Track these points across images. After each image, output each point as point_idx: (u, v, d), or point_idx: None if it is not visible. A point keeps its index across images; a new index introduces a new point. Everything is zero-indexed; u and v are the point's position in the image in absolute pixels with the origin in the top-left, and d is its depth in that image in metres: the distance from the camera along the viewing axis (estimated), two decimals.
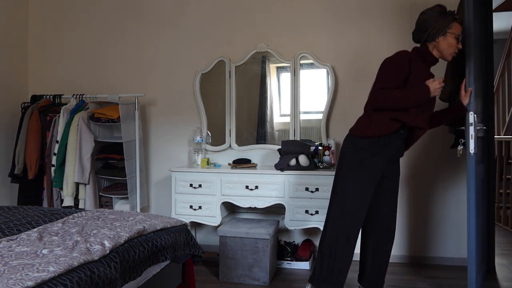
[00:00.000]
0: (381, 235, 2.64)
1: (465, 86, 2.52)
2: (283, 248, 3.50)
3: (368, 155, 2.43)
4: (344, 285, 2.51)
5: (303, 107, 3.73)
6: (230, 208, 3.74)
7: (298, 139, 3.67)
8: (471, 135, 2.44)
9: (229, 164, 3.64)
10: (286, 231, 3.64)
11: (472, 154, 2.46)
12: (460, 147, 2.55)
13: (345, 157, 2.52)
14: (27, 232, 1.96)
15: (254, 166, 3.53)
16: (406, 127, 2.45)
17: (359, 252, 3.54)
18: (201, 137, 3.68)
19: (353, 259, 2.55)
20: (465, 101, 2.51)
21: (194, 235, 3.75)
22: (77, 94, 3.80)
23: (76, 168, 3.48)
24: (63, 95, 3.89)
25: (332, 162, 3.43)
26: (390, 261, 3.55)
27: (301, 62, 3.70)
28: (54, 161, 3.57)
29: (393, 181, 2.63)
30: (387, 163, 2.51)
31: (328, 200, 3.18)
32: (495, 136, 4.26)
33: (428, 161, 3.57)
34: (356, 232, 2.49)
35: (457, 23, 2.41)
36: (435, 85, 2.34)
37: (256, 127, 3.86)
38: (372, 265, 2.69)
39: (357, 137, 2.48)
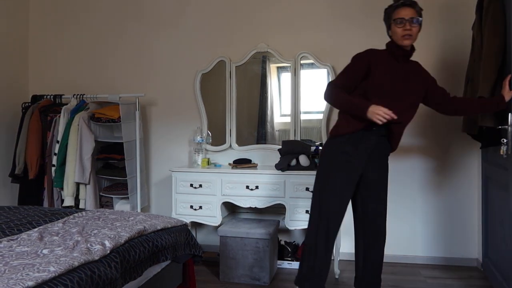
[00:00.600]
0: (369, 232, 2.61)
1: (510, 82, 2.41)
2: (283, 248, 3.50)
3: (341, 154, 2.42)
4: (325, 283, 2.54)
5: (303, 107, 3.73)
6: (230, 208, 3.74)
7: (299, 139, 3.67)
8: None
9: (229, 164, 3.64)
10: (286, 231, 3.64)
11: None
12: (503, 147, 2.43)
13: (321, 157, 2.53)
14: (27, 232, 1.96)
15: (254, 166, 3.53)
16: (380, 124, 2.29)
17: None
18: (201, 137, 3.68)
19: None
20: (507, 97, 2.43)
21: (194, 235, 3.75)
22: (78, 94, 3.80)
23: (77, 168, 3.48)
24: (63, 95, 3.89)
25: None
26: (391, 261, 3.57)
27: (302, 62, 3.70)
28: (54, 161, 3.58)
29: (378, 178, 2.52)
30: (366, 160, 2.44)
31: None
32: None
33: (435, 160, 3.57)
34: (335, 230, 2.48)
35: (399, 8, 2.43)
36: (376, 111, 2.21)
37: (257, 127, 3.86)
38: (364, 265, 2.65)
39: (332, 136, 2.49)
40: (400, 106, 2.32)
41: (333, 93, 2.37)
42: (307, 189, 3.22)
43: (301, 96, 3.71)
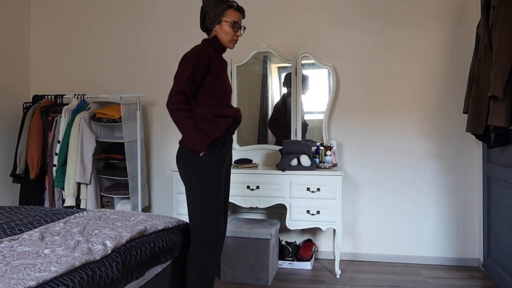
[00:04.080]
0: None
1: None
2: (284, 248, 3.50)
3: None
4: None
5: (304, 107, 3.72)
6: (231, 208, 3.74)
7: (300, 139, 3.66)
8: None
9: None
10: (287, 231, 3.64)
11: None
12: None
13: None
14: (28, 232, 1.96)
15: (255, 166, 3.53)
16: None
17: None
18: None
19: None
20: None
21: None
22: (79, 94, 3.80)
23: (78, 168, 3.48)
24: (64, 95, 3.89)
25: (334, 162, 3.43)
26: (391, 261, 3.58)
27: (303, 62, 3.70)
28: (55, 161, 3.58)
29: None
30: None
31: (329, 201, 3.20)
32: None
33: (435, 160, 3.57)
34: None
35: (234, 10, 2.29)
36: (202, 150, 2.18)
37: (258, 127, 3.86)
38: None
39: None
40: (230, 100, 2.40)
41: (177, 113, 2.21)
42: (308, 189, 3.22)
43: (302, 96, 3.70)
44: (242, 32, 2.35)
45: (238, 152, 3.77)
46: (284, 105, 3.76)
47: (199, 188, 2.24)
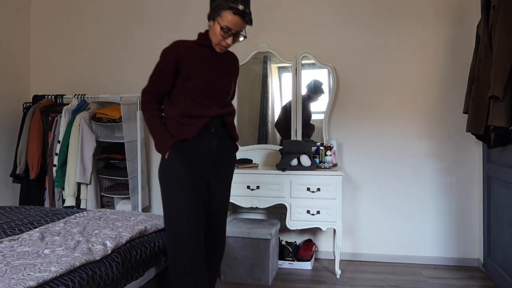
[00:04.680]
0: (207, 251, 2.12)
1: None
2: (284, 248, 3.50)
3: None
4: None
5: (312, 108, 3.73)
6: (231, 208, 3.74)
7: (300, 139, 3.66)
8: None
9: None
10: (287, 231, 3.64)
11: None
12: None
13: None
14: (29, 232, 1.96)
15: (255, 166, 3.52)
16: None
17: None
18: None
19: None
20: None
21: None
22: (79, 94, 3.80)
23: (78, 168, 3.48)
24: (64, 95, 3.89)
25: (334, 162, 3.43)
26: (392, 261, 3.58)
27: (303, 62, 3.70)
28: (55, 161, 3.58)
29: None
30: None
31: (329, 201, 3.20)
32: None
33: (435, 160, 3.57)
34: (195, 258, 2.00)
35: (233, 14, 1.98)
36: (164, 152, 2.08)
37: (258, 127, 3.86)
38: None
39: None
40: (222, 99, 2.12)
41: (145, 113, 2.09)
42: (308, 189, 3.22)
43: (302, 96, 3.70)
44: (241, 40, 2.08)
45: (238, 152, 3.75)
46: (303, 106, 3.74)
47: (163, 193, 2.08)
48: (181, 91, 2.05)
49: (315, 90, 3.73)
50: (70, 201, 3.53)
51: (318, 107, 3.73)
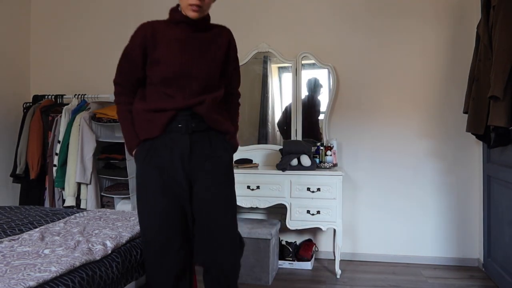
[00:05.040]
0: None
1: None
2: (284, 248, 3.50)
3: None
4: None
5: (304, 107, 3.73)
6: None
7: (300, 139, 3.66)
8: None
9: None
10: (287, 231, 3.64)
11: None
12: None
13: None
14: (29, 232, 1.96)
15: (255, 166, 3.52)
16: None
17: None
18: None
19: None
20: None
21: None
22: (79, 94, 3.80)
23: (78, 168, 3.48)
24: (65, 95, 3.89)
25: (334, 162, 3.43)
26: (392, 261, 3.57)
27: (303, 62, 3.70)
28: (56, 161, 3.58)
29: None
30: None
31: (329, 201, 3.20)
32: None
33: (435, 160, 3.57)
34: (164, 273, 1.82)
35: None
36: (131, 154, 1.89)
37: (258, 127, 3.86)
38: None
39: None
40: (193, 86, 1.80)
41: (117, 107, 1.95)
42: (308, 189, 3.22)
43: (302, 96, 3.71)
44: None
45: (238, 152, 3.74)
46: (308, 106, 3.74)
47: (136, 196, 1.91)
48: (148, 81, 1.84)
49: (314, 85, 3.73)
50: (70, 201, 3.53)
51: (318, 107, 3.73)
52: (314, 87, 3.74)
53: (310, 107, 3.74)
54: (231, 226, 1.87)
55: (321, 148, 3.50)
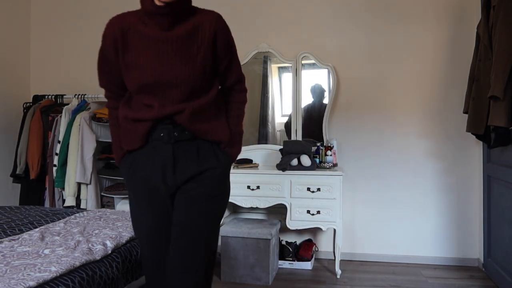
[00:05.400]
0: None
1: None
2: (284, 248, 3.50)
3: None
4: None
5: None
6: (231, 208, 3.74)
7: (300, 139, 3.66)
8: None
9: None
10: (287, 231, 3.64)
11: None
12: None
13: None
14: (29, 232, 1.96)
15: (255, 166, 3.52)
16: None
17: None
18: None
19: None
20: None
21: None
22: (79, 94, 3.80)
23: (78, 168, 3.48)
24: (65, 95, 3.89)
25: (334, 162, 3.43)
26: (392, 261, 3.58)
27: (303, 62, 3.70)
28: (56, 161, 3.58)
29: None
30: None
31: (329, 201, 3.20)
32: None
33: (435, 160, 3.57)
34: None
35: None
36: (118, 164, 1.74)
37: (258, 127, 3.86)
38: None
39: None
40: (173, 94, 1.54)
41: (108, 111, 1.80)
42: (308, 189, 3.22)
43: (302, 96, 3.71)
44: None
45: None
46: (313, 111, 3.75)
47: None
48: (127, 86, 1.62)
49: (319, 91, 3.73)
50: (70, 201, 3.53)
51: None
52: (319, 93, 3.74)
53: (315, 112, 3.74)
54: (195, 263, 1.59)
55: (321, 148, 3.50)
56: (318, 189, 3.21)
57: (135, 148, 1.63)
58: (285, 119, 3.81)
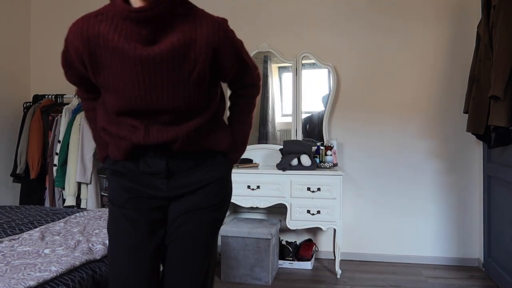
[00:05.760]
0: None
1: None
2: (284, 248, 3.50)
3: None
4: None
5: (304, 107, 3.73)
6: (232, 208, 3.74)
7: (300, 139, 3.67)
8: None
9: None
10: (287, 231, 3.64)
11: None
12: None
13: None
14: (29, 232, 1.96)
15: (256, 166, 3.53)
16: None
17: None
18: None
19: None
20: None
21: None
22: None
23: (78, 167, 3.48)
24: (65, 94, 3.89)
25: (334, 162, 3.43)
26: (392, 261, 3.58)
27: (303, 62, 3.70)
28: (56, 161, 3.58)
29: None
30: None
31: (329, 200, 3.20)
32: None
33: (435, 160, 3.57)
34: None
35: None
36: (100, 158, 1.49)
37: (258, 127, 3.86)
38: None
39: None
40: (162, 119, 1.30)
41: (85, 115, 1.55)
42: (308, 189, 3.22)
43: (303, 96, 3.71)
44: None
45: None
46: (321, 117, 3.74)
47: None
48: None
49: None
50: (70, 201, 3.53)
51: (319, 107, 3.72)
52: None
53: (316, 112, 3.76)
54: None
55: (321, 148, 3.50)
56: (318, 189, 3.21)
57: (119, 160, 1.38)
58: (286, 119, 3.81)
